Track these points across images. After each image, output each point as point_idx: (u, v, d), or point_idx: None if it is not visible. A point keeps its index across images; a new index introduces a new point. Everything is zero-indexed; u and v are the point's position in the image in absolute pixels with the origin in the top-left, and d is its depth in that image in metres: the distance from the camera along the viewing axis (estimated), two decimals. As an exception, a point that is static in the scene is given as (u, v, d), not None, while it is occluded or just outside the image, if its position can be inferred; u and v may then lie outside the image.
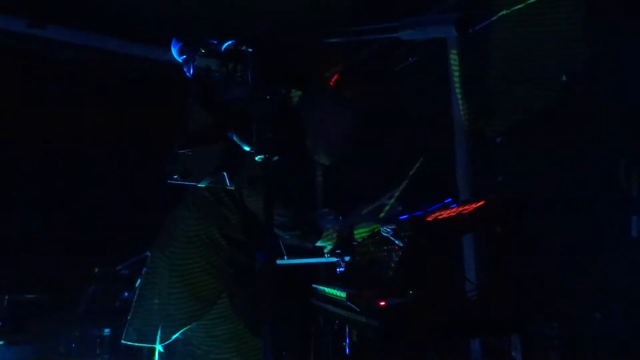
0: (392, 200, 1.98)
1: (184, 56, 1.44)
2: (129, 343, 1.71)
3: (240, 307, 1.64)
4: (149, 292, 1.73)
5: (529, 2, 2.59)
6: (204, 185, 1.58)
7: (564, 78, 2.47)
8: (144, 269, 1.84)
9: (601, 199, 2.29)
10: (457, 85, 3.02)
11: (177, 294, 1.65)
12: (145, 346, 1.69)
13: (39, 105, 3.48)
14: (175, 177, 1.27)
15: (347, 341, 2.41)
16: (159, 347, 1.67)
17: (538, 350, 2.33)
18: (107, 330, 3.12)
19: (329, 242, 1.95)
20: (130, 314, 1.76)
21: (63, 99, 3.52)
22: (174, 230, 1.75)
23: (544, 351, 2.33)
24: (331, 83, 3.63)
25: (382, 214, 1.98)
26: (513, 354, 1.76)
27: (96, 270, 3.28)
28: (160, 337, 1.64)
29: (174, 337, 1.64)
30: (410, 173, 1.94)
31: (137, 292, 1.80)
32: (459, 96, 3.01)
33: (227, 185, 1.33)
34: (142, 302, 1.75)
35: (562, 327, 2.33)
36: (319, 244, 1.94)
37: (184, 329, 1.64)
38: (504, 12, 2.71)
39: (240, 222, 1.73)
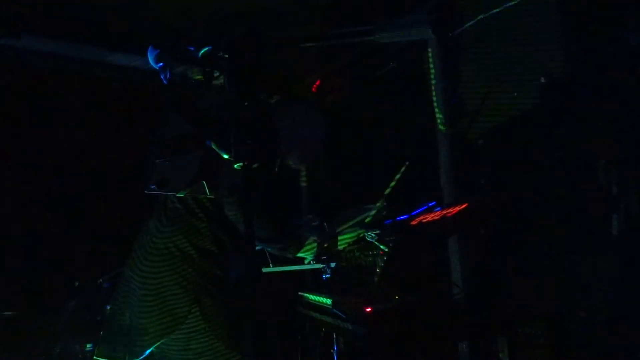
0: (379, 204, 1.98)
1: (161, 64, 1.42)
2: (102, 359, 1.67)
3: (214, 320, 1.62)
4: (121, 307, 1.70)
5: (507, 5, 2.62)
6: (174, 196, 1.55)
7: (542, 80, 2.50)
8: (119, 283, 1.81)
9: (582, 198, 2.32)
10: (435, 87, 3.03)
11: (149, 308, 1.62)
12: None
13: (15, 116, 3.40)
14: (152, 186, 1.25)
15: (335, 348, 2.39)
16: None
17: (524, 350, 2.34)
18: (89, 346, 3.05)
19: (309, 253, 1.95)
20: (102, 330, 1.72)
21: (40, 110, 3.45)
22: (145, 243, 1.72)
23: (530, 351, 2.34)
24: (313, 89, 3.62)
25: (367, 220, 1.98)
26: (500, 355, 1.77)
27: (77, 283, 3.20)
28: (133, 353, 1.60)
29: (147, 352, 1.61)
30: (395, 178, 1.95)
31: (109, 307, 1.76)
32: (440, 99, 3.03)
33: (206, 194, 1.30)
34: (114, 317, 1.71)
35: (547, 326, 2.35)
36: (299, 254, 1.93)
37: (158, 343, 1.61)
38: (482, 15, 2.74)
39: (211, 232, 1.69)
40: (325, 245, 1.91)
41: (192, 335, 1.60)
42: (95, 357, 1.69)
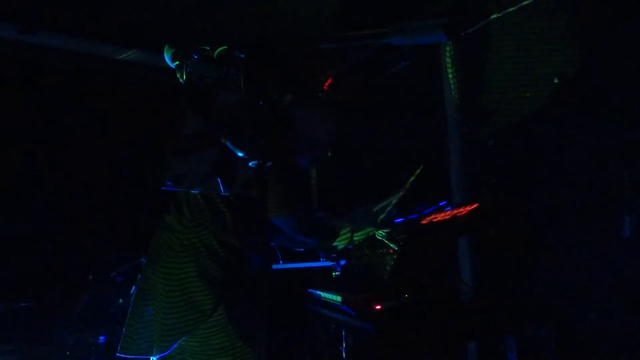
0: (389, 208, 1.99)
1: (177, 62, 1.44)
2: (125, 356, 1.68)
3: (235, 317, 1.62)
4: (144, 303, 1.71)
5: (521, 4, 2.61)
6: (197, 192, 1.57)
7: (555, 80, 2.49)
8: (138, 279, 1.82)
9: (594, 200, 2.31)
10: (452, 87, 3.03)
11: (174, 304, 1.63)
12: (141, 358, 1.66)
13: (31, 111, 3.46)
14: (168, 183, 1.27)
15: (344, 345, 2.41)
16: (154, 359, 1.65)
17: (533, 351, 2.33)
18: (102, 338, 3.10)
19: (344, 242, 1.94)
20: (125, 326, 1.74)
21: (55, 105, 3.50)
22: (168, 240, 1.73)
23: (539, 352, 2.34)
24: (325, 87, 3.63)
25: (379, 220, 1.99)
26: (509, 355, 1.77)
27: (90, 277, 3.25)
28: (159, 348, 1.61)
29: (173, 347, 1.62)
30: (410, 181, 1.95)
31: (131, 303, 1.77)
32: (453, 98, 3.02)
33: (221, 191, 1.32)
34: (137, 313, 1.72)
35: (556, 327, 2.34)
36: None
37: (183, 338, 1.62)
38: (496, 15, 2.73)
39: (235, 227, 1.70)
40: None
41: (213, 331, 1.60)
42: (118, 354, 1.70)
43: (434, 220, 1.79)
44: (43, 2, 3.00)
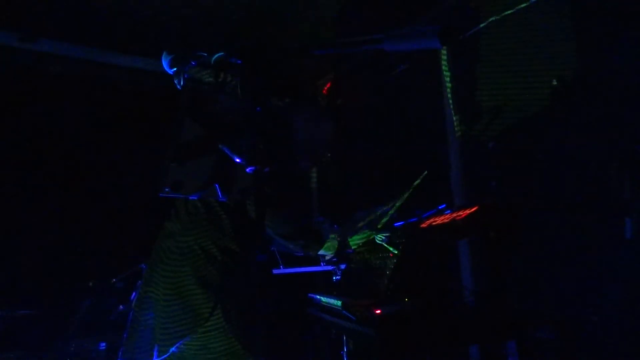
0: (392, 211, 1.99)
1: (175, 69, 1.45)
2: None
3: (234, 321, 1.63)
4: (144, 308, 1.72)
5: (519, 7, 2.61)
6: (195, 198, 1.57)
7: (554, 82, 2.49)
8: (139, 285, 1.83)
9: (594, 202, 2.30)
10: (449, 90, 3.03)
11: (173, 308, 1.64)
12: None
13: (31, 119, 3.47)
14: (166, 190, 1.27)
15: (345, 350, 2.40)
16: None
17: (535, 354, 2.33)
18: (102, 345, 3.10)
19: (331, 250, 1.95)
20: (126, 331, 1.74)
21: (55, 112, 3.51)
22: (167, 244, 1.74)
23: (541, 355, 2.33)
24: (324, 91, 3.64)
25: (379, 225, 1.99)
26: (510, 359, 1.76)
27: (90, 283, 3.25)
28: (158, 352, 1.62)
29: (171, 350, 1.62)
30: (414, 185, 1.95)
31: (132, 309, 1.78)
32: (451, 101, 3.03)
33: (219, 197, 1.32)
34: (138, 318, 1.73)
35: (558, 330, 2.33)
36: (320, 252, 1.94)
37: (180, 342, 1.62)
38: (494, 18, 2.73)
39: (234, 232, 1.71)
40: (345, 241, 1.92)
41: (212, 335, 1.61)
42: None
43: (434, 223, 1.79)
44: (41, 10, 3.01)
